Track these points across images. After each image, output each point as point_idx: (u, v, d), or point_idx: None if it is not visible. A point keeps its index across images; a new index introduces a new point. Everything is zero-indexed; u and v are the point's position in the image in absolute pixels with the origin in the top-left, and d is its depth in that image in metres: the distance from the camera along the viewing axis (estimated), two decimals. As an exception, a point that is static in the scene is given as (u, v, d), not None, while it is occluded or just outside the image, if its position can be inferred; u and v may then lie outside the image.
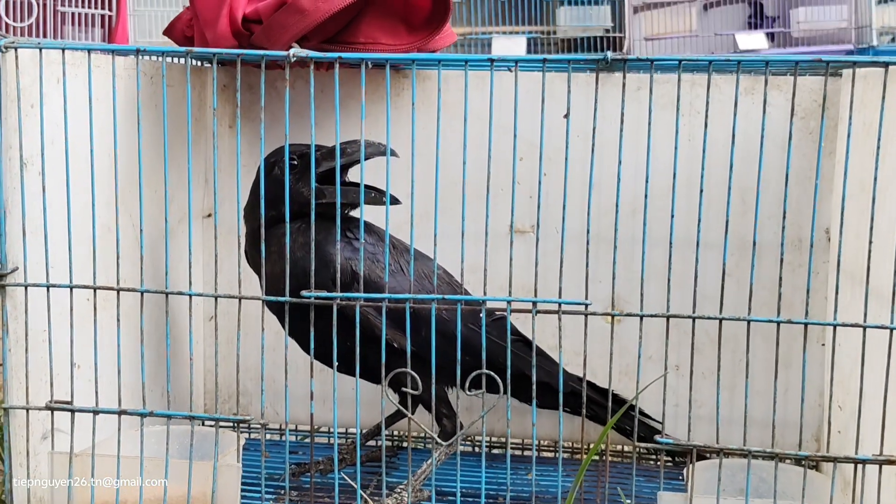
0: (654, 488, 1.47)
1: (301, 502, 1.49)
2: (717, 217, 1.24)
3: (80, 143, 1.25)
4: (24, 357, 1.24)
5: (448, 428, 1.44)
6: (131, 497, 1.23)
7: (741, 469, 1.21)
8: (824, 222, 1.60)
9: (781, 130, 1.54)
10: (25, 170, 1.22)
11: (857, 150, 1.38)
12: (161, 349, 1.37)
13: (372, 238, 1.42)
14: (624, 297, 1.65)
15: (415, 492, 1.46)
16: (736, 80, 1.16)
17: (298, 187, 1.37)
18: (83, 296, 1.27)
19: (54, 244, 1.24)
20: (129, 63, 1.42)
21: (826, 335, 1.60)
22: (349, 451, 1.63)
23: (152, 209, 1.38)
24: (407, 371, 1.19)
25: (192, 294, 1.22)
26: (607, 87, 1.57)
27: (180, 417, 1.22)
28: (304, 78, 1.51)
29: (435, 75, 1.64)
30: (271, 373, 1.68)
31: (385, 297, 1.21)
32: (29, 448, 1.25)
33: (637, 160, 1.26)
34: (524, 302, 1.18)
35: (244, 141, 1.69)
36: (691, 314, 1.17)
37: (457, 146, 1.19)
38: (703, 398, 1.63)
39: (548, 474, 1.64)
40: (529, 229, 1.67)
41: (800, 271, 1.61)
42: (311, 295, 1.20)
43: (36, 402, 1.24)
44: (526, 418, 1.67)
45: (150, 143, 1.36)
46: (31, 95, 1.22)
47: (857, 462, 1.14)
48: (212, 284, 1.35)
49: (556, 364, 1.40)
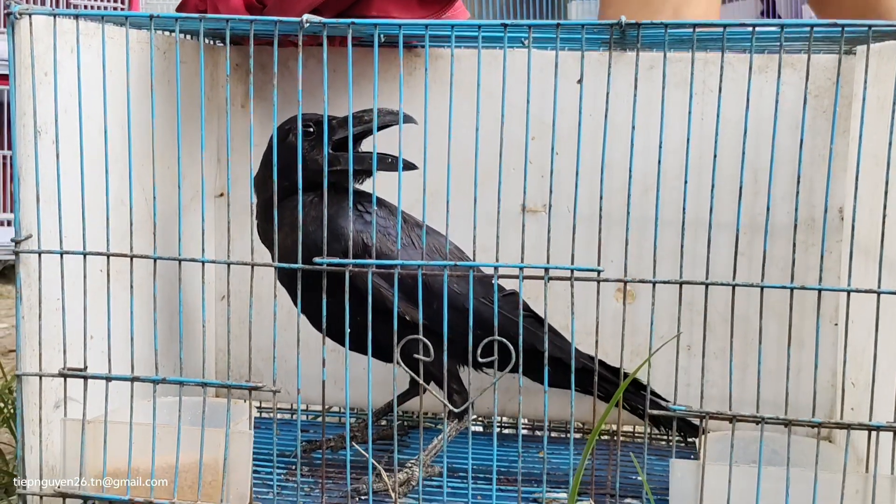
0: (666, 467, 1.47)
1: (312, 478, 1.49)
2: (730, 196, 1.23)
3: (93, 114, 1.25)
4: (38, 324, 1.24)
5: (459, 405, 1.44)
6: (143, 464, 1.24)
7: (754, 442, 1.21)
8: (838, 202, 1.60)
9: (795, 109, 1.54)
10: (39, 138, 1.22)
11: (872, 125, 1.38)
12: (173, 324, 1.38)
13: (383, 212, 1.42)
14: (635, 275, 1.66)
15: (426, 467, 1.46)
16: (750, 48, 1.16)
17: (312, 155, 1.37)
18: (96, 266, 1.27)
19: (68, 213, 1.24)
20: (143, 37, 1.42)
21: (839, 314, 1.59)
22: (360, 430, 1.63)
23: (165, 186, 1.38)
24: (419, 338, 1.19)
25: (205, 261, 1.22)
26: (620, 65, 1.57)
27: (193, 384, 1.22)
28: (316, 57, 1.51)
29: (447, 54, 1.64)
30: (283, 352, 1.68)
31: (398, 264, 1.21)
32: (41, 416, 1.26)
33: (648, 139, 1.25)
34: (536, 268, 1.17)
35: (257, 120, 1.69)
36: (704, 280, 1.16)
37: (469, 125, 1.19)
38: (714, 378, 1.63)
39: (559, 453, 1.64)
40: (541, 209, 1.67)
41: (813, 250, 1.60)
42: (323, 262, 1.20)
43: (49, 370, 1.25)
44: (538, 398, 1.67)
45: (163, 118, 1.37)
46: (44, 63, 1.23)
47: (871, 429, 1.14)
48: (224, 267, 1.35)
49: (568, 342, 1.39)
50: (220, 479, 1.23)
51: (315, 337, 1.28)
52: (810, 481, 1.14)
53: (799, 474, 1.15)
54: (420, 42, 1.56)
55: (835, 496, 1.14)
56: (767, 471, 1.16)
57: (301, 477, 1.43)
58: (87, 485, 1.25)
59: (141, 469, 1.24)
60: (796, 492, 1.15)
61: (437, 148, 1.25)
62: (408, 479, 1.43)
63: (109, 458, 1.23)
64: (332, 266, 1.20)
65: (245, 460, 1.25)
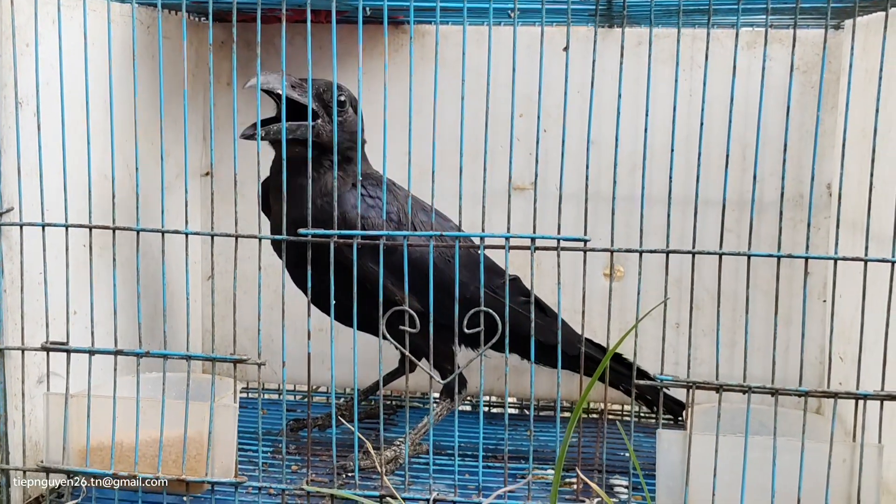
0: (654, 444, 1.46)
1: (299, 455, 1.48)
2: (718, 172, 1.23)
3: (75, 87, 1.24)
4: (20, 298, 1.23)
5: (451, 384, 1.43)
6: (127, 439, 1.23)
7: (741, 414, 1.20)
8: (826, 178, 1.60)
9: (783, 84, 1.54)
10: (21, 109, 1.21)
11: (859, 99, 1.38)
12: (158, 302, 1.36)
13: (388, 196, 1.40)
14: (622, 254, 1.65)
15: (413, 445, 1.46)
16: (737, 20, 1.15)
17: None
18: (79, 241, 1.26)
19: (50, 186, 1.23)
20: (126, 10, 1.41)
21: (827, 291, 1.59)
22: (347, 409, 1.62)
23: (149, 162, 1.37)
24: (405, 309, 1.18)
25: (189, 232, 1.21)
26: (607, 41, 1.57)
27: (177, 357, 1.21)
28: (302, 34, 1.50)
29: (433, 31, 1.64)
30: (269, 331, 1.68)
31: (382, 235, 1.20)
32: (24, 391, 1.25)
33: (637, 116, 1.25)
34: (523, 238, 1.16)
35: (241, 98, 1.68)
36: (691, 249, 1.15)
37: (455, 102, 1.17)
38: (703, 356, 1.63)
39: (547, 430, 1.63)
40: (529, 186, 1.66)
41: (801, 227, 1.60)
42: (307, 233, 1.19)
43: (31, 345, 1.23)
44: (525, 377, 1.67)
45: (147, 93, 1.35)
46: (26, 34, 1.21)
47: (859, 398, 1.13)
48: (209, 243, 1.33)
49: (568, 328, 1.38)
50: (205, 452, 1.22)
51: (302, 317, 1.26)
52: (797, 451, 1.14)
53: (786, 444, 1.14)
54: (406, 17, 1.55)
55: (822, 466, 1.14)
56: (754, 440, 1.15)
57: (287, 455, 1.42)
58: (71, 459, 1.23)
59: (125, 444, 1.23)
60: (783, 462, 1.14)
61: (422, 124, 1.24)
62: (395, 456, 1.42)
63: (93, 432, 1.22)
64: (318, 238, 1.19)
65: (230, 434, 1.24)
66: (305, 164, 1.23)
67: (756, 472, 1.15)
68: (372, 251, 1.27)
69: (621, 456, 1.53)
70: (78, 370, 1.23)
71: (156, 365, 1.25)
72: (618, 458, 1.52)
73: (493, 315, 1.18)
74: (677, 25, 1.15)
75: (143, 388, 1.23)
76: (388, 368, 1.58)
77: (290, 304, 1.26)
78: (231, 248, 1.23)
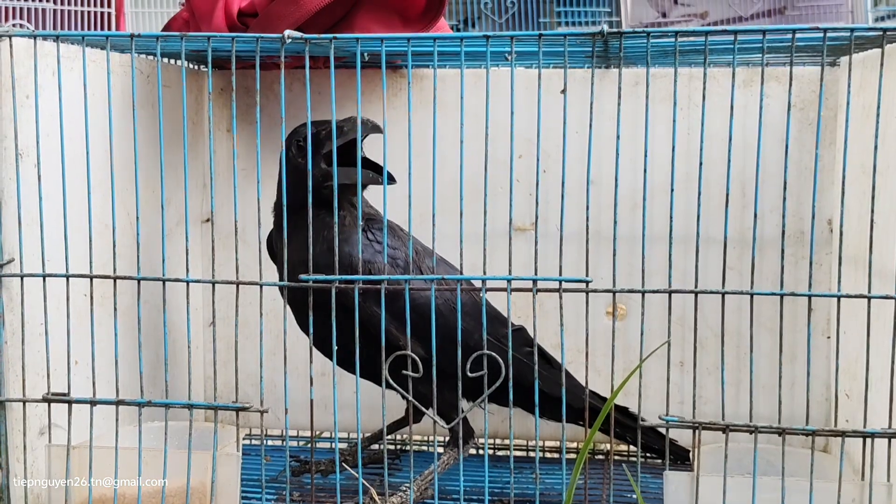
0: (661, 485, 1.45)
1: (303, 502, 1.47)
2: (717, 211, 1.23)
3: (76, 137, 1.24)
4: (21, 349, 1.22)
5: (457, 433, 1.42)
6: (130, 490, 1.22)
7: (747, 454, 1.19)
8: (826, 214, 1.60)
9: (780, 122, 1.54)
10: (21, 161, 1.21)
11: (858, 134, 1.38)
12: (159, 351, 1.36)
13: (394, 241, 1.40)
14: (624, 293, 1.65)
15: (419, 492, 1.44)
16: (733, 58, 1.16)
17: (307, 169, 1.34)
18: (80, 291, 1.26)
19: (50, 236, 1.23)
20: (125, 60, 1.42)
21: (831, 327, 1.58)
22: (351, 455, 1.61)
23: (149, 210, 1.37)
24: (407, 353, 1.18)
25: (190, 280, 1.21)
26: (604, 82, 1.57)
27: (179, 406, 1.20)
28: (300, 80, 1.51)
29: (431, 75, 1.64)
30: (272, 377, 1.67)
31: (384, 279, 1.19)
32: (26, 443, 1.24)
33: (635, 155, 1.25)
34: (524, 280, 1.16)
35: (241, 145, 1.69)
36: (693, 289, 1.15)
37: (455, 144, 1.18)
38: (708, 394, 1.61)
39: (552, 473, 1.62)
40: (529, 227, 1.66)
41: (802, 263, 1.60)
42: (308, 278, 1.19)
43: (33, 396, 1.23)
44: (529, 420, 1.66)
45: (147, 142, 1.36)
46: (25, 86, 1.22)
47: (867, 436, 1.12)
48: (210, 290, 1.33)
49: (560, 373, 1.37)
50: (208, 502, 1.21)
51: (304, 362, 1.26)
52: (806, 491, 1.13)
53: (794, 484, 1.14)
54: (404, 61, 1.56)
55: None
56: (763, 481, 1.14)
57: (291, 501, 1.41)
58: (73, 512, 1.23)
59: (127, 495, 1.22)
60: (792, 502, 1.13)
61: (422, 167, 1.25)
62: (401, 502, 1.41)
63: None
64: (319, 283, 1.19)
65: (233, 483, 1.23)
66: (306, 209, 1.23)
67: (765, 513, 1.14)
68: (376, 295, 1.26)
69: (628, 498, 1.52)
70: (79, 421, 1.22)
71: (158, 414, 1.24)
72: (624, 501, 1.51)
73: (496, 359, 1.17)
74: (674, 65, 1.16)
75: (145, 437, 1.22)
76: (393, 418, 1.57)
77: (291, 349, 1.26)
78: (232, 293, 1.23)
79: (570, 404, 1.24)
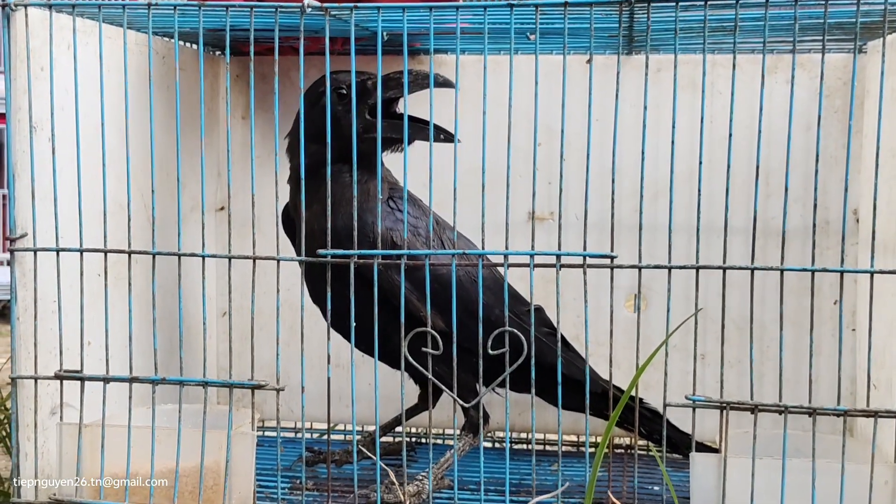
0: (683, 477, 1.42)
1: (318, 491, 1.44)
2: (738, 198, 1.20)
3: (90, 112, 1.22)
4: (34, 326, 1.20)
5: (474, 418, 1.39)
6: (142, 470, 1.19)
7: (775, 438, 1.16)
8: (853, 203, 1.57)
9: (805, 110, 1.52)
10: (35, 134, 1.20)
11: (886, 118, 1.35)
12: (173, 334, 1.33)
13: (415, 211, 1.38)
14: (646, 283, 1.62)
15: (436, 479, 1.41)
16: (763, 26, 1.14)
17: (347, 119, 1.28)
18: (93, 270, 1.23)
19: (64, 212, 1.21)
20: (142, 39, 1.40)
21: (857, 320, 1.55)
22: (368, 443, 1.58)
23: (164, 193, 1.34)
24: (427, 330, 1.15)
25: (205, 255, 1.18)
26: (626, 68, 1.55)
27: (193, 384, 1.18)
28: (316, 66, 1.49)
29: (452, 61, 1.62)
30: (286, 367, 1.64)
31: (404, 253, 1.17)
32: (37, 421, 1.21)
33: (656, 142, 1.23)
34: (548, 255, 1.13)
35: (258, 132, 1.67)
36: (721, 265, 1.12)
37: (473, 132, 1.15)
38: (730, 388, 1.58)
39: (572, 466, 1.59)
40: (549, 216, 1.63)
41: (827, 253, 1.58)
42: (327, 253, 1.16)
43: (45, 373, 1.20)
44: (548, 411, 1.62)
45: (162, 124, 1.33)
46: (40, 58, 1.20)
47: (900, 416, 1.09)
48: (225, 279, 1.31)
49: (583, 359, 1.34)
50: (222, 482, 1.18)
51: (320, 354, 1.23)
52: (836, 473, 1.10)
53: (825, 466, 1.10)
54: (423, 44, 1.54)
55: (861, 489, 1.09)
56: (792, 463, 1.11)
57: (306, 490, 1.38)
58: (84, 492, 1.20)
59: (140, 474, 1.20)
60: (821, 485, 1.10)
61: (441, 154, 1.22)
62: (418, 490, 1.38)
63: (107, 463, 1.18)
64: (337, 258, 1.16)
65: (248, 463, 1.20)
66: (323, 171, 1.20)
67: (794, 496, 1.11)
68: (398, 265, 1.23)
69: (649, 489, 1.49)
70: (92, 400, 1.20)
71: (171, 397, 1.22)
72: (646, 493, 1.47)
73: (518, 336, 1.15)
74: (702, 39, 1.13)
75: (158, 419, 1.20)
76: (409, 404, 1.54)
77: (308, 336, 1.23)
78: (248, 281, 1.21)
79: (591, 391, 1.21)
